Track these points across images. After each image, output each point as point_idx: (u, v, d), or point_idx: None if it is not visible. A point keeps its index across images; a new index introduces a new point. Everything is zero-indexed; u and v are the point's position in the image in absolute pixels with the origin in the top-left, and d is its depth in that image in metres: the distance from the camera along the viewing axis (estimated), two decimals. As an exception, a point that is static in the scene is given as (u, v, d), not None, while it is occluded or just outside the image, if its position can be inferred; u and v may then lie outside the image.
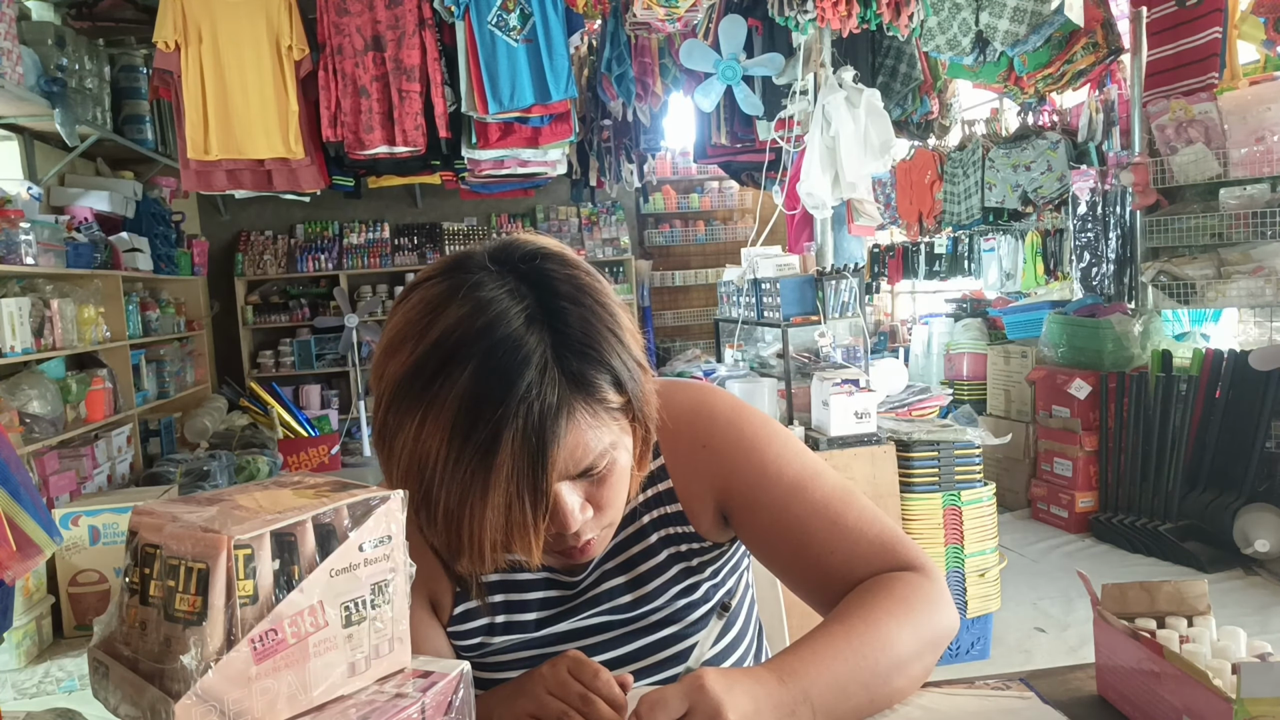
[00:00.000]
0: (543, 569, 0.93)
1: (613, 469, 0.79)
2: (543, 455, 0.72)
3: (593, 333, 0.76)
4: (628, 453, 0.81)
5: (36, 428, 3.65)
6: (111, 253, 4.65)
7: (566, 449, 0.74)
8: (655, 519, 0.94)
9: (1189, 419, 3.89)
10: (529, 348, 0.73)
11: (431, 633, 0.91)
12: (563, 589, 0.93)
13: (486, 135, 4.07)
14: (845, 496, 0.91)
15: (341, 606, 0.58)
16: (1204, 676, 0.72)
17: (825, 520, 0.89)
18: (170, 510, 0.58)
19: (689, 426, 0.93)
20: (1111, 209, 4.42)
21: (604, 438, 0.77)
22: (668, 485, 0.94)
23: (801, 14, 3.18)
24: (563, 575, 0.93)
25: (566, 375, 0.74)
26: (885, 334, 7.18)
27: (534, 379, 0.72)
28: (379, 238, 7.37)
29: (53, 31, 4.01)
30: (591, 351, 0.76)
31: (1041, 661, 2.89)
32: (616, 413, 0.78)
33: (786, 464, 0.92)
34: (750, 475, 0.91)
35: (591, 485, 0.79)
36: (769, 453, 0.92)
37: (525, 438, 0.72)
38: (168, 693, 0.52)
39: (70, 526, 3.27)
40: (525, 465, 0.72)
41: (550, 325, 0.75)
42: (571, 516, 0.77)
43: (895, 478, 2.87)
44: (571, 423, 0.74)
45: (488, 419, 0.71)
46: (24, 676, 3.06)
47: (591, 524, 0.80)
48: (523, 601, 0.93)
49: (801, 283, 3.13)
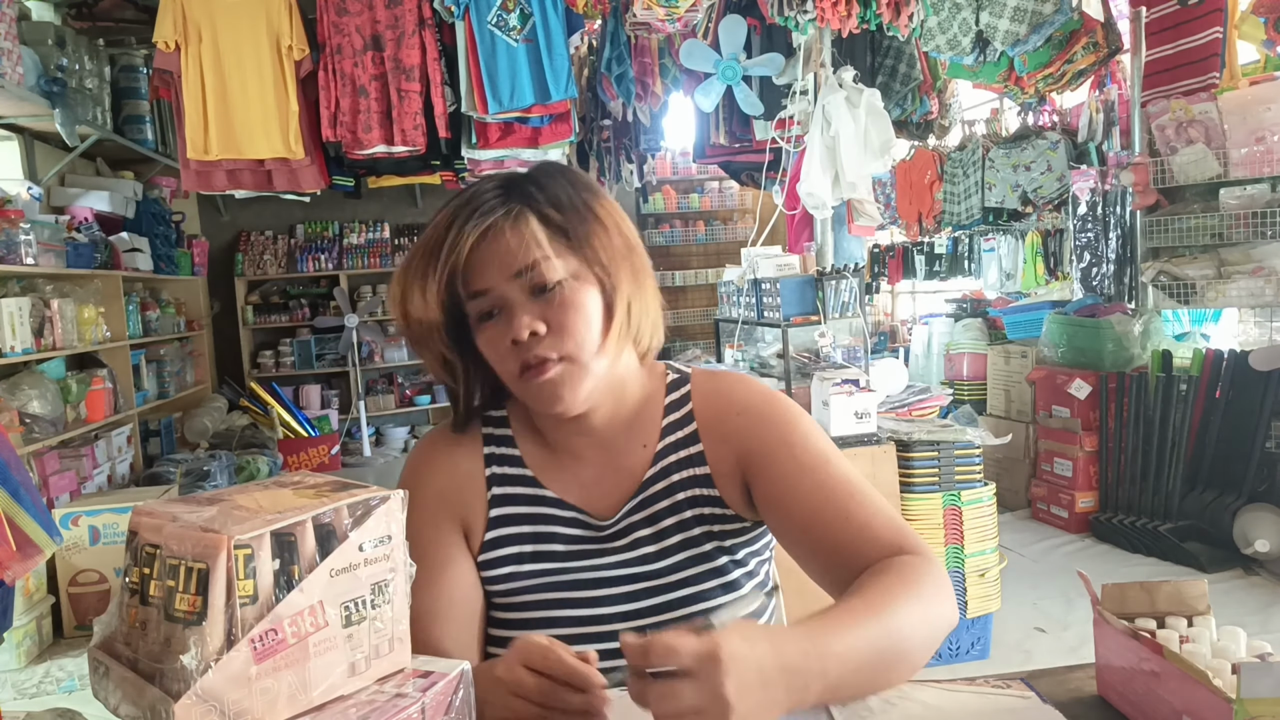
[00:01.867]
0: (572, 508, 1.00)
1: (568, 298, 0.91)
2: (472, 217, 0.90)
3: (551, 179, 0.95)
4: (590, 292, 0.93)
5: (36, 428, 3.65)
6: (112, 253, 4.65)
7: (507, 236, 0.90)
8: (685, 479, 1.01)
9: (1189, 419, 3.89)
10: (494, 185, 0.94)
11: (460, 563, 0.98)
12: (591, 530, 1.00)
13: (486, 135, 4.06)
14: (861, 481, 0.97)
15: (341, 606, 0.58)
16: (1204, 676, 0.72)
17: (844, 494, 0.94)
18: (170, 510, 0.58)
19: (726, 397, 1.03)
20: (1111, 209, 4.42)
21: (553, 264, 0.90)
22: (699, 449, 1.01)
23: (801, 14, 3.18)
24: (592, 517, 1.00)
25: (512, 193, 0.93)
26: (885, 334, 7.19)
27: (492, 190, 0.93)
28: (379, 238, 7.37)
29: (53, 31, 4.01)
30: (545, 187, 0.94)
31: (1041, 661, 2.89)
32: (571, 245, 0.92)
33: (813, 441, 0.99)
34: (778, 444, 0.98)
35: (546, 305, 0.91)
36: (798, 428, 1.00)
37: (464, 203, 0.92)
38: (168, 692, 0.52)
39: (70, 526, 3.27)
40: (457, 223, 0.91)
41: (521, 184, 0.94)
42: (519, 320, 0.90)
43: (895, 478, 2.87)
44: (512, 222, 0.91)
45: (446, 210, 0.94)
46: (24, 676, 3.06)
47: (548, 343, 0.90)
48: (551, 534, 0.99)
49: (801, 283, 3.13)
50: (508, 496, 1.01)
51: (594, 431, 1.00)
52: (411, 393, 7.39)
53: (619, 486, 1.01)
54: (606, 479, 1.01)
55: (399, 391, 7.37)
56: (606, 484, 1.01)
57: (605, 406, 0.99)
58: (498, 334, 0.92)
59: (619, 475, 1.01)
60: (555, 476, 1.02)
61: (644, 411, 1.03)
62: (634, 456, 1.02)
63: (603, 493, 1.01)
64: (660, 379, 1.05)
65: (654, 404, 1.04)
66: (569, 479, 1.02)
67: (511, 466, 1.02)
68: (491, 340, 0.93)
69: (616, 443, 1.01)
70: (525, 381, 0.92)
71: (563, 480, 1.02)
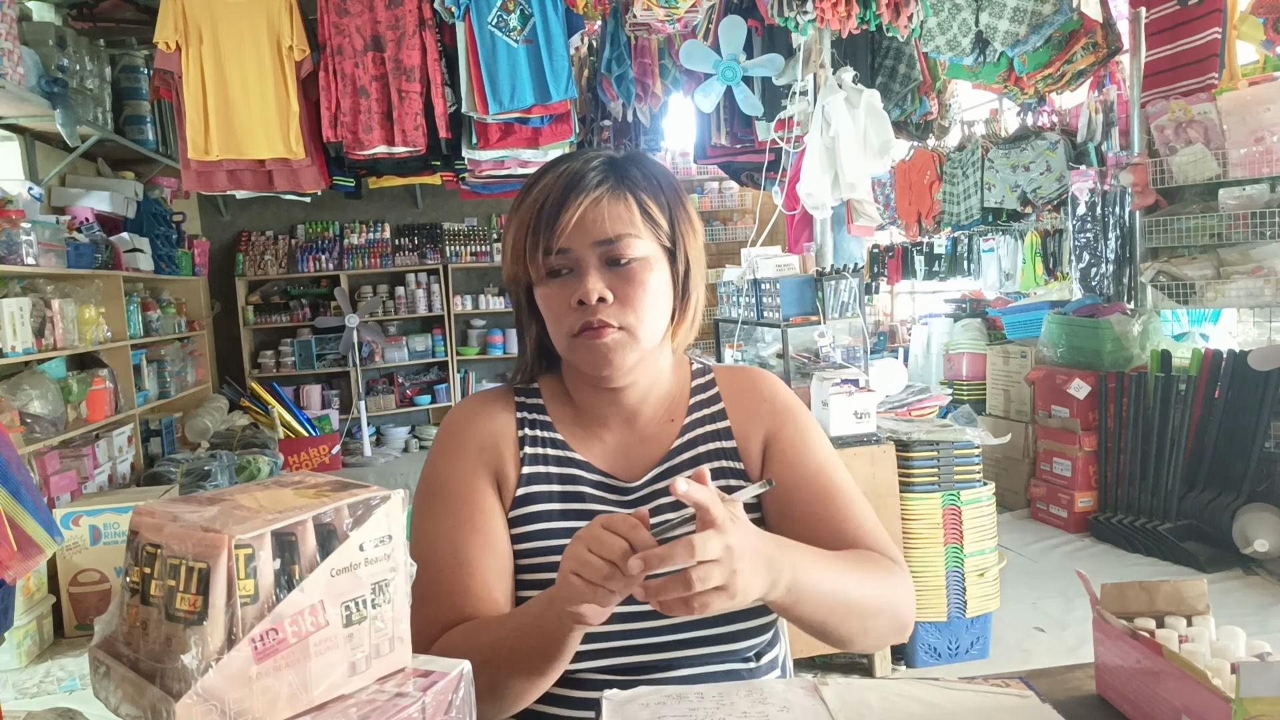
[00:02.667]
0: (599, 471, 1.07)
1: (639, 273, 0.98)
2: (578, 185, 0.98)
3: (654, 170, 1.04)
4: (659, 277, 1.00)
5: (37, 428, 3.65)
6: (112, 253, 4.65)
7: (597, 206, 0.97)
8: (711, 450, 1.08)
9: (1188, 419, 3.89)
10: (600, 161, 1.01)
11: (498, 514, 1.03)
12: (617, 492, 1.06)
13: (487, 136, 4.07)
14: (859, 491, 1.08)
15: (342, 606, 0.59)
16: (1203, 676, 0.72)
17: (845, 497, 1.05)
18: (171, 510, 0.58)
19: (753, 384, 1.13)
20: (1111, 209, 4.42)
21: (637, 243, 0.98)
22: (726, 425, 1.10)
23: (801, 15, 3.18)
24: (619, 479, 1.07)
25: (617, 172, 1.00)
26: (885, 334, 7.19)
27: (595, 165, 1.00)
28: (379, 238, 7.37)
29: (53, 32, 4.01)
30: (649, 176, 1.02)
31: (1041, 661, 2.89)
32: (656, 231, 1.01)
33: (823, 445, 1.10)
34: (797, 438, 1.08)
35: (617, 276, 0.98)
36: (814, 431, 1.11)
37: (569, 168, 1.00)
38: (168, 692, 0.52)
39: (71, 526, 3.27)
40: (561, 184, 0.98)
41: (625, 165, 1.02)
42: (590, 282, 0.96)
43: (895, 478, 2.87)
44: (612, 196, 0.98)
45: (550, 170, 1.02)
46: (25, 676, 3.06)
47: (611, 311, 0.97)
48: (579, 493, 1.05)
49: (801, 283, 3.13)
50: (539, 456, 1.06)
51: (626, 405, 1.07)
52: (412, 393, 7.39)
53: (646, 454, 1.08)
54: (634, 447, 1.08)
55: (399, 391, 7.37)
56: (633, 452, 1.08)
57: (641, 384, 1.06)
58: (564, 291, 0.98)
59: (646, 445, 1.08)
60: (584, 442, 1.08)
61: (673, 392, 1.11)
62: (662, 429, 1.09)
63: (629, 460, 1.08)
64: (686, 366, 1.15)
65: (681, 387, 1.12)
66: (597, 445, 1.08)
67: (543, 430, 1.08)
68: (555, 296, 0.99)
69: (644, 414, 1.08)
70: (581, 340, 0.98)
71: (591, 446, 1.08)
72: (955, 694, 0.85)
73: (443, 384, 7.44)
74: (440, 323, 7.38)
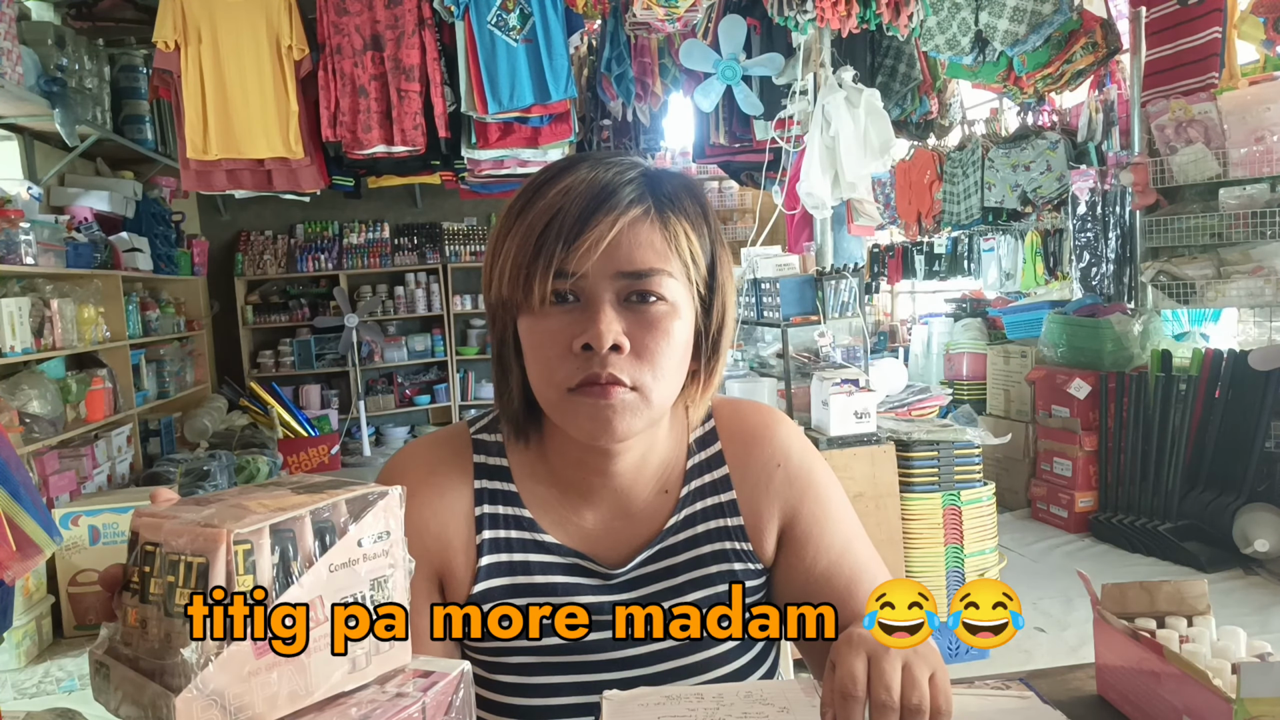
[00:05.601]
0: (574, 554, 0.89)
1: (662, 320, 0.79)
2: (609, 199, 0.78)
3: (698, 198, 0.84)
4: (685, 330, 0.81)
5: (36, 428, 3.65)
6: (111, 253, 4.65)
7: (629, 229, 0.78)
8: (713, 530, 0.91)
9: (1189, 419, 3.89)
10: (636, 173, 0.81)
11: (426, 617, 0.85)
12: (597, 579, 0.89)
13: (486, 135, 4.07)
14: (878, 556, 0.94)
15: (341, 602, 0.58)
16: (1204, 676, 0.72)
17: (871, 574, 0.90)
18: (169, 510, 0.58)
19: (762, 444, 0.93)
20: (1111, 209, 4.42)
21: (670, 283, 0.79)
22: (731, 496, 0.92)
23: (801, 14, 3.18)
24: (599, 565, 0.89)
25: (657, 193, 0.81)
26: (885, 334, 7.18)
27: (632, 179, 0.80)
28: (379, 238, 7.38)
29: (53, 31, 4.01)
30: (695, 204, 0.83)
31: (1041, 661, 2.89)
32: (693, 275, 0.81)
33: (847, 514, 0.94)
34: (819, 512, 0.92)
35: (635, 319, 0.78)
36: (835, 498, 0.94)
37: (595, 177, 0.79)
38: (168, 688, 0.52)
39: (70, 526, 3.27)
40: (584, 194, 0.78)
41: (664, 185, 0.82)
42: (605, 322, 0.76)
43: (895, 478, 2.87)
44: (642, 220, 0.78)
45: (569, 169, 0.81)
46: (24, 676, 3.06)
47: (624, 365, 0.77)
48: (550, 585, 0.88)
49: (801, 283, 3.13)
50: (500, 542, 0.88)
51: (616, 475, 0.88)
52: (411, 393, 7.39)
53: (633, 534, 0.90)
54: (618, 525, 0.90)
55: (399, 391, 7.37)
56: (618, 532, 0.90)
57: (636, 450, 0.87)
58: (566, 329, 0.78)
59: (633, 522, 0.90)
60: (558, 519, 0.89)
61: (669, 457, 0.91)
62: (652, 502, 0.91)
63: (613, 540, 0.90)
64: (684, 419, 0.93)
65: (678, 448, 0.92)
66: (575, 523, 0.90)
67: (505, 505, 0.89)
68: (552, 333, 0.78)
69: (635, 487, 0.90)
70: (578, 395, 0.78)
71: (567, 526, 0.89)
72: (956, 697, 0.84)
73: (442, 384, 7.45)
74: (440, 322, 7.39)
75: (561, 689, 0.87)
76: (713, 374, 0.87)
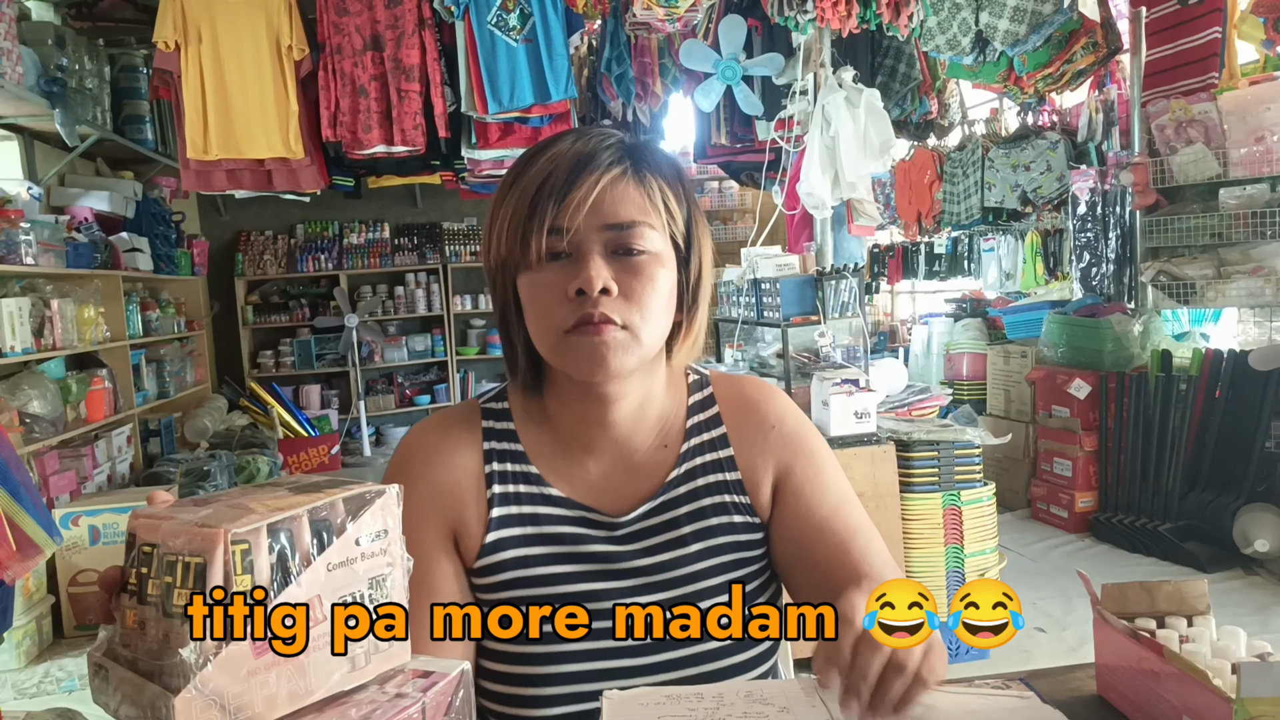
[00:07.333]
0: (581, 506, 0.95)
1: (648, 267, 0.87)
2: (590, 162, 0.87)
3: (671, 162, 0.93)
4: (668, 277, 0.90)
5: (36, 428, 3.65)
6: (111, 253, 4.64)
7: (611, 186, 0.87)
8: (712, 484, 0.97)
9: (1189, 419, 3.89)
10: (614, 140, 0.91)
11: (445, 570, 0.92)
12: (602, 530, 0.94)
13: (486, 135, 4.07)
14: (869, 519, 0.99)
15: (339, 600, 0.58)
16: (1204, 676, 0.72)
17: (864, 536, 0.95)
18: (166, 511, 0.58)
19: (759, 406, 1.01)
20: (1111, 209, 4.42)
21: (650, 234, 0.88)
22: (729, 453, 0.98)
23: (801, 14, 3.18)
24: (604, 514, 0.94)
25: (634, 156, 0.90)
26: (885, 334, 7.18)
27: (610, 145, 0.90)
28: (379, 238, 7.37)
29: (53, 31, 4.01)
30: (669, 165, 0.92)
31: (1041, 661, 2.89)
32: (671, 226, 0.90)
33: (838, 476, 1.00)
34: (811, 471, 0.98)
35: (622, 268, 0.87)
36: (828, 461, 1.01)
37: (579, 146, 0.89)
38: (167, 688, 0.52)
39: (70, 526, 3.27)
40: (570, 159, 0.87)
41: (642, 150, 0.92)
42: (594, 270, 0.85)
43: (895, 478, 2.87)
44: (621, 178, 0.88)
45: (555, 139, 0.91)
46: (24, 676, 3.06)
47: (614, 306, 0.85)
48: (557, 535, 0.93)
49: (801, 283, 3.13)
50: (510, 495, 0.94)
51: (615, 424, 0.94)
52: (411, 393, 7.39)
53: (636, 486, 0.96)
54: (621, 477, 0.96)
55: (399, 391, 7.37)
56: (621, 482, 0.96)
57: (633, 397, 0.93)
58: (560, 279, 0.86)
59: (636, 474, 0.96)
60: (563, 473, 0.96)
61: (667, 414, 0.98)
62: (653, 456, 0.97)
63: (616, 492, 0.95)
64: (683, 382, 1.01)
65: (677, 407, 0.99)
66: (579, 476, 0.96)
67: (514, 463, 0.96)
68: (549, 284, 0.86)
69: (635, 439, 0.96)
70: (575, 335, 0.86)
71: (571, 479, 0.95)
72: (955, 696, 0.84)
73: (442, 384, 7.44)
74: (440, 322, 7.38)
75: (561, 678, 0.90)
76: (694, 323, 0.95)
